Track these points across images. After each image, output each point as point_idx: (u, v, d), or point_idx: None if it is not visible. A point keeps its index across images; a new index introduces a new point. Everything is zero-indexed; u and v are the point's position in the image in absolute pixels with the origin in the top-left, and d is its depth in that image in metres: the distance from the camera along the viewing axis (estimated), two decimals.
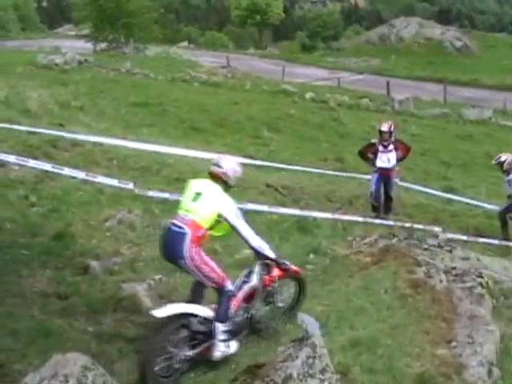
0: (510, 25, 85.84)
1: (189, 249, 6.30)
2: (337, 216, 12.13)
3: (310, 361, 5.44)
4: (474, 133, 28.25)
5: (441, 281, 8.33)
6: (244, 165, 14.35)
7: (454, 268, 8.90)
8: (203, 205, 6.47)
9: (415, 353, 6.78)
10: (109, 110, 20.44)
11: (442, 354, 6.72)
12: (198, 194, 6.55)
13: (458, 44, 69.28)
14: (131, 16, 49.02)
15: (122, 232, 9.52)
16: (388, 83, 38.35)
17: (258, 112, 25.28)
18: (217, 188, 6.61)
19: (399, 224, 12.16)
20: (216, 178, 6.68)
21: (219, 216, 6.47)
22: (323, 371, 5.47)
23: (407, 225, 11.82)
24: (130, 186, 11.22)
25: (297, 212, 11.65)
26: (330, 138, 23.14)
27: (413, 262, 8.95)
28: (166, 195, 11.06)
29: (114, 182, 11.23)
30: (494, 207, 14.61)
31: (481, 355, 6.71)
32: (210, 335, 6.39)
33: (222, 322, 6.44)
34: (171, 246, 6.43)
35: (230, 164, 6.80)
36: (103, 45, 48.78)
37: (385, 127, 12.76)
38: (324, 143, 22.05)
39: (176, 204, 10.53)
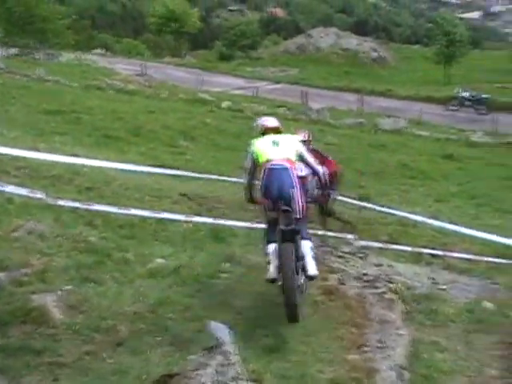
0: (424, 37, 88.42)
1: (295, 179, 7.82)
2: (253, 225, 12.13)
3: (223, 369, 5.41)
4: (389, 142, 28.95)
5: (353, 287, 8.47)
6: (158, 174, 14.40)
7: (366, 274, 9.07)
8: (286, 147, 8.04)
9: (328, 359, 6.84)
10: (20, 117, 19.88)
11: (353, 359, 6.80)
12: (275, 142, 8.06)
13: (374, 55, 71.16)
14: (44, 21, 47.98)
15: (31, 242, 9.20)
16: (305, 93, 38.88)
17: (174, 121, 25.18)
18: (285, 135, 8.41)
19: (312, 232, 12.26)
20: (276, 129, 8.42)
21: (297, 152, 8.17)
22: (236, 379, 5.45)
23: (320, 232, 11.93)
24: (40, 195, 10.88)
25: (211, 221, 11.59)
26: (247, 146, 23.16)
27: (326, 270, 9.07)
28: (77, 204, 10.80)
29: (24, 192, 10.87)
30: (407, 215, 14.94)
31: (391, 359, 6.83)
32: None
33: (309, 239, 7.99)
34: (282, 181, 7.74)
35: (274, 120, 8.68)
36: (14, 50, 47.54)
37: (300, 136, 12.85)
38: (240, 152, 22.05)
39: (87, 214, 10.48)
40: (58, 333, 6.92)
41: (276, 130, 8.40)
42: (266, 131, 8.46)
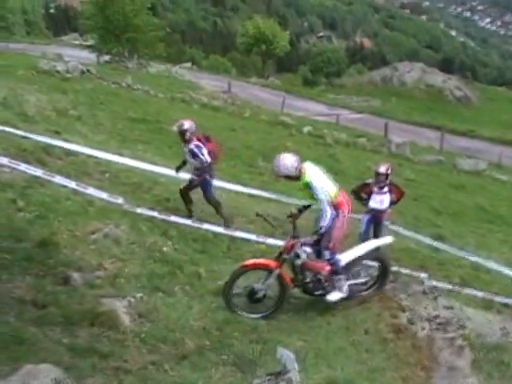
0: (510, 77, 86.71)
1: None
2: None
3: None
4: (468, 183, 28.32)
5: (423, 328, 8.27)
6: (236, 192, 14.46)
7: (437, 316, 8.85)
8: None
9: None
10: (106, 122, 20.35)
11: None
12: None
13: (459, 94, 70.01)
14: (137, 31, 49.12)
15: (106, 246, 9.39)
16: (386, 125, 38.53)
17: (255, 141, 25.27)
18: None
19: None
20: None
21: None
22: None
23: (393, 268, 11.72)
24: (120, 200, 11.10)
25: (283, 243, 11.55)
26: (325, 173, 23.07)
27: (396, 307, 8.90)
28: (154, 213, 10.97)
29: (104, 196, 11.12)
30: (481, 259, 14.55)
31: None
32: None
33: None
34: None
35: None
36: (107, 57, 48.84)
37: (382, 169, 12.69)
38: None
39: (162, 224, 10.61)
40: (125, 339, 7.01)
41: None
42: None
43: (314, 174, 8.88)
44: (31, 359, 5.10)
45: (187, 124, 11.81)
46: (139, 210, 10.94)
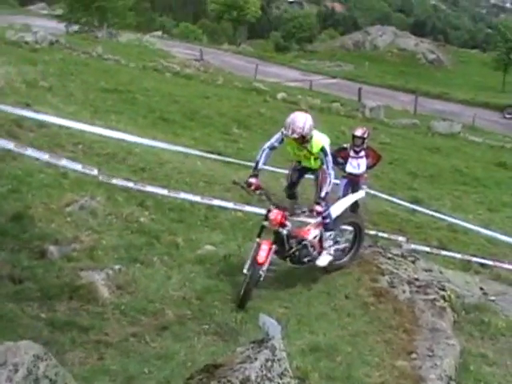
0: (483, 43, 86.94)
1: None
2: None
3: (269, 364, 5.27)
4: (443, 146, 28.47)
5: (404, 291, 8.28)
6: (212, 160, 14.34)
7: (417, 279, 8.87)
8: None
9: (375, 362, 6.69)
10: (77, 93, 19.98)
11: (401, 366, 6.64)
12: None
13: (431, 57, 70.16)
14: (106, 0, 48.34)
15: (82, 218, 9.22)
16: (360, 89, 38.48)
17: (229, 108, 25.09)
18: None
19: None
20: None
21: None
22: (282, 375, 5.31)
23: (372, 232, 11.74)
24: (95, 172, 10.91)
25: (262, 211, 11.48)
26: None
27: (376, 271, 8.90)
28: (130, 184, 10.81)
29: (78, 167, 10.92)
30: (458, 221, 14.65)
31: (440, 369, 6.64)
32: None
33: None
34: None
35: None
36: (76, 27, 48.02)
37: (359, 132, 12.65)
38: None
39: (139, 194, 10.46)
40: (104, 311, 6.92)
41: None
42: None
43: (323, 137, 8.54)
44: (10, 336, 5.00)
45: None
46: (114, 181, 10.76)
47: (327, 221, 8.47)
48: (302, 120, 8.13)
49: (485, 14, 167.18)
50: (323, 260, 8.54)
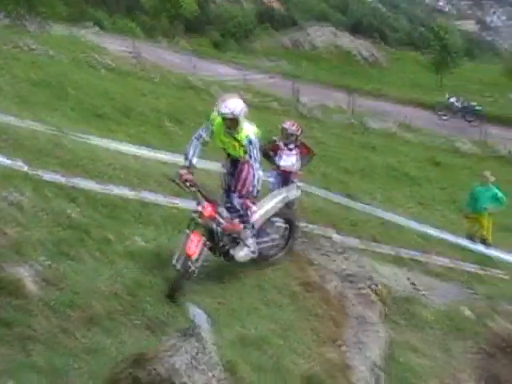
0: (419, 43, 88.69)
1: None
2: None
3: (198, 355, 5.30)
4: (378, 144, 28.92)
5: (333, 283, 8.40)
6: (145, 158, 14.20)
7: (347, 272, 9.01)
8: None
9: (302, 351, 6.77)
10: (6, 87, 19.46)
11: (327, 353, 6.74)
12: None
13: (366, 54, 71.27)
14: None
15: (9, 213, 8.96)
16: (297, 88, 38.73)
17: (165, 105, 24.93)
18: None
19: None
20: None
21: None
22: (210, 367, 5.34)
23: (303, 226, 11.82)
24: (23, 166, 10.65)
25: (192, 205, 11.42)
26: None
27: (306, 263, 9.00)
28: (61, 179, 10.60)
29: (6, 161, 10.65)
30: (388, 214, 14.89)
31: (368, 358, 6.77)
32: None
33: None
34: None
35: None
36: (6, 20, 46.67)
37: (287, 124, 12.56)
38: None
39: (69, 189, 10.27)
40: (32, 307, 6.78)
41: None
42: None
43: (252, 128, 8.58)
44: None
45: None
46: (44, 176, 10.54)
47: (244, 218, 8.44)
48: (235, 101, 8.40)
49: (423, 18, 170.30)
50: (243, 253, 8.50)
